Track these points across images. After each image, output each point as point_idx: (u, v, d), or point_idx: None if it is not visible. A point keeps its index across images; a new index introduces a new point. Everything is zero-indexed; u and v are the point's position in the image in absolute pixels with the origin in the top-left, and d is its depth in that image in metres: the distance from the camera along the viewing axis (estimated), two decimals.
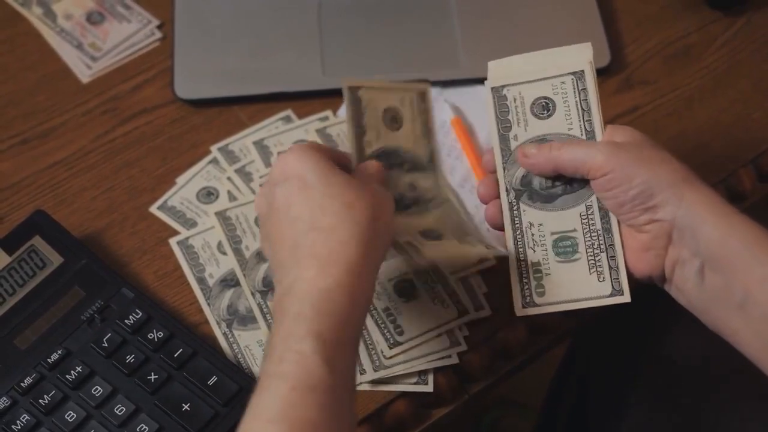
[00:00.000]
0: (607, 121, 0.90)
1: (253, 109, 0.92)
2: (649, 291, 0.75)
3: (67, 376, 0.75)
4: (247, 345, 0.79)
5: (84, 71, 0.94)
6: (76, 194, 0.88)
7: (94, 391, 0.75)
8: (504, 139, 0.77)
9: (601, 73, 0.94)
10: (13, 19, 0.98)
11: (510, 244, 0.76)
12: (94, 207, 0.87)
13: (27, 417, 0.74)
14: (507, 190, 0.76)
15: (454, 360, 0.78)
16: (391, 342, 0.78)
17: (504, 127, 0.77)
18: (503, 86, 0.77)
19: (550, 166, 0.74)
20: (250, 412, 0.61)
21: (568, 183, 0.75)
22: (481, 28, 0.96)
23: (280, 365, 0.61)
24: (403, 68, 0.94)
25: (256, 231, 0.84)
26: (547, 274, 0.75)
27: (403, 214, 0.76)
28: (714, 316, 0.71)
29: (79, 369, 0.76)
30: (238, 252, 0.83)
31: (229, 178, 0.88)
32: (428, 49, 0.96)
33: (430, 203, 0.77)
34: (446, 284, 0.80)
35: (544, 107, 0.76)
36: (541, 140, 0.76)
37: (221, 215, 0.85)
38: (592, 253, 0.74)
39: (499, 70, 0.77)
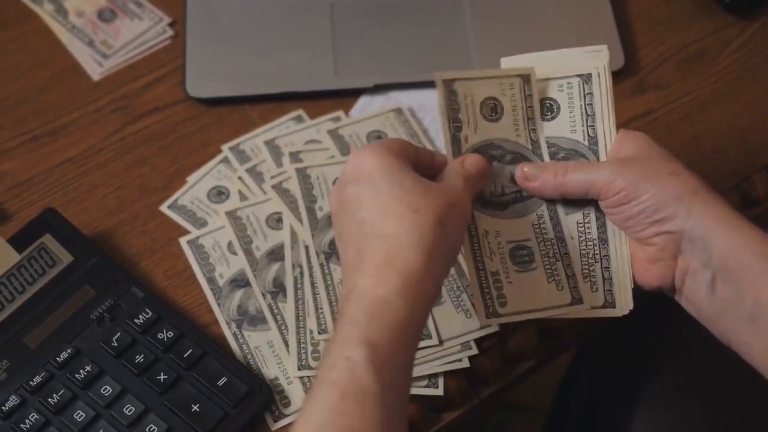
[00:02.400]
0: (621, 125, 0.91)
1: (264, 108, 0.92)
2: (659, 296, 0.74)
3: (76, 375, 0.75)
4: (257, 346, 0.79)
5: (95, 69, 0.94)
6: (86, 192, 0.88)
7: (103, 390, 0.75)
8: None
9: (614, 77, 0.92)
10: (24, 16, 0.98)
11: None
12: (105, 205, 0.87)
13: (36, 416, 0.73)
14: None
15: (465, 364, 0.78)
16: None
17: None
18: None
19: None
20: (300, 417, 0.61)
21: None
22: (493, 28, 0.96)
23: (331, 372, 0.61)
24: (416, 68, 0.94)
25: (266, 231, 0.84)
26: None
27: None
28: (724, 328, 0.70)
29: (88, 368, 0.75)
30: (248, 252, 0.83)
31: (240, 178, 0.87)
32: (441, 49, 0.96)
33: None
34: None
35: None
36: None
37: (232, 215, 0.84)
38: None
39: (513, 65, 0.76)
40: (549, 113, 0.75)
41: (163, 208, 0.86)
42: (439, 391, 0.77)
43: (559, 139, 0.75)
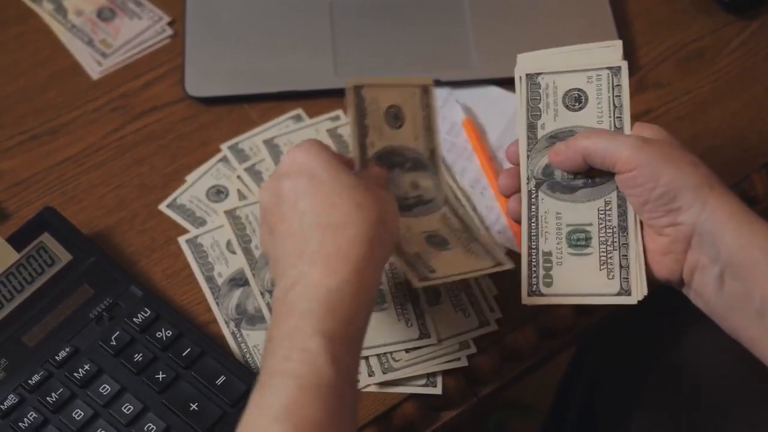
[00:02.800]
0: None
1: (263, 107, 0.92)
2: (660, 294, 0.74)
3: (74, 374, 0.75)
4: (256, 345, 0.79)
5: (94, 68, 0.94)
6: (85, 191, 0.88)
7: (102, 389, 0.75)
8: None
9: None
10: (24, 15, 0.98)
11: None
12: (104, 204, 0.87)
13: (34, 415, 0.74)
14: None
15: (464, 363, 0.78)
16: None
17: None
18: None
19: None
20: (253, 409, 0.60)
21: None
22: (493, 28, 0.96)
23: (286, 363, 0.61)
24: (415, 68, 0.94)
25: None
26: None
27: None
28: (733, 323, 0.70)
29: (86, 367, 0.75)
30: (247, 251, 0.83)
31: (238, 177, 0.87)
32: (440, 49, 0.96)
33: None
34: (470, 293, 0.80)
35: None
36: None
37: (231, 214, 0.85)
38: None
39: (529, 61, 0.77)
40: (577, 104, 0.76)
41: (162, 207, 0.86)
42: (438, 390, 0.77)
43: (585, 129, 0.75)
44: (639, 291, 0.73)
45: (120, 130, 0.91)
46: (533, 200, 0.76)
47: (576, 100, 0.75)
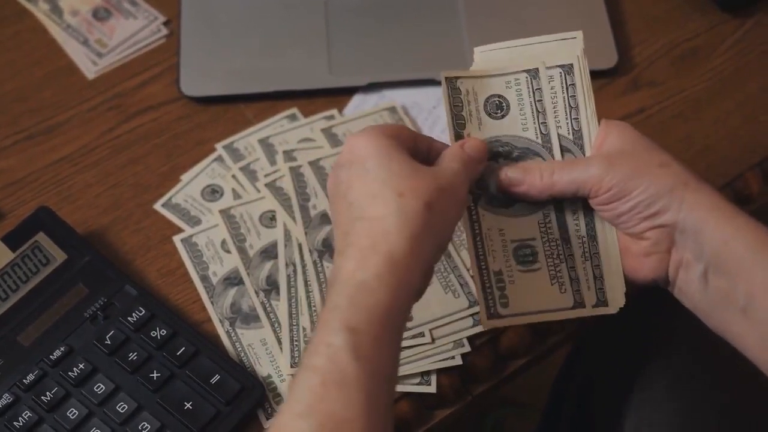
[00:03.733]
0: None
1: (258, 107, 0.92)
2: (654, 292, 0.74)
3: (69, 373, 0.75)
4: (250, 344, 0.79)
5: (90, 67, 0.94)
6: (80, 191, 0.88)
7: (97, 388, 0.75)
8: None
9: (609, 74, 0.93)
10: (19, 15, 0.98)
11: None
12: (99, 204, 0.87)
13: (29, 414, 0.74)
14: None
15: (458, 361, 0.78)
16: None
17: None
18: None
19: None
20: (284, 404, 0.60)
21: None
22: (488, 27, 0.96)
23: (312, 358, 0.60)
24: (410, 67, 0.94)
25: (260, 229, 0.84)
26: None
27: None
28: (718, 320, 0.70)
29: (81, 366, 0.76)
30: (242, 250, 0.83)
31: (233, 176, 0.87)
32: (435, 48, 0.96)
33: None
34: (459, 274, 0.80)
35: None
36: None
37: (225, 213, 0.85)
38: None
39: (485, 56, 0.73)
40: (499, 111, 0.73)
41: (157, 206, 0.87)
42: (432, 389, 0.77)
43: (512, 138, 0.73)
44: (615, 301, 0.72)
45: (115, 130, 0.91)
46: (474, 216, 0.72)
47: (497, 107, 0.73)
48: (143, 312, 0.78)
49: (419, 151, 0.70)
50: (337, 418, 0.57)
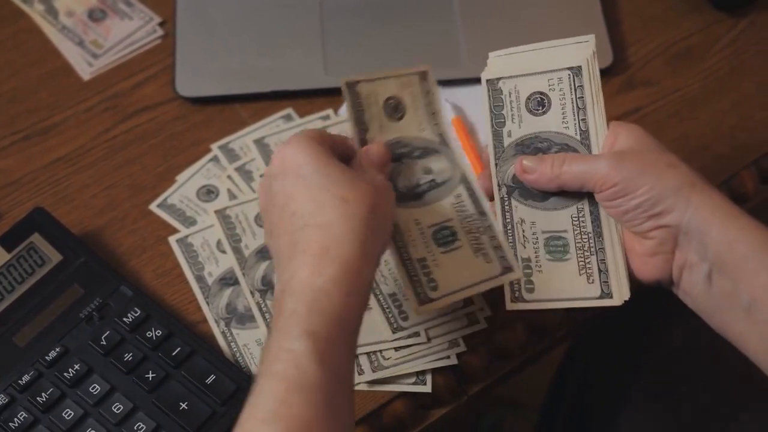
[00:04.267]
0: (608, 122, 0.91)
1: (254, 107, 0.92)
2: (650, 290, 0.74)
3: (64, 373, 0.75)
4: (246, 344, 0.79)
5: (85, 68, 0.94)
6: (76, 191, 0.88)
7: (92, 389, 0.75)
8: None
9: (604, 74, 0.93)
10: (15, 16, 0.98)
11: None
12: (94, 204, 0.87)
13: (24, 414, 0.74)
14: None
15: (453, 361, 0.78)
16: (395, 326, 0.78)
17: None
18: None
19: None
20: (246, 411, 0.61)
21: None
22: (483, 27, 0.96)
23: (274, 364, 0.61)
24: (406, 66, 0.94)
25: (255, 230, 0.84)
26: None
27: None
28: (721, 320, 0.70)
29: (77, 367, 0.76)
30: (237, 251, 0.83)
31: (229, 177, 0.88)
32: (430, 48, 0.96)
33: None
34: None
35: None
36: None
37: (221, 213, 0.85)
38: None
39: (498, 62, 0.76)
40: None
41: (153, 207, 0.87)
42: (427, 389, 0.78)
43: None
44: (620, 294, 0.73)
45: (111, 130, 0.91)
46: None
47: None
48: (139, 312, 0.78)
49: (338, 152, 0.71)
50: (302, 421, 0.59)
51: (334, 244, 0.64)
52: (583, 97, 0.74)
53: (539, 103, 0.75)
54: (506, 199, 0.75)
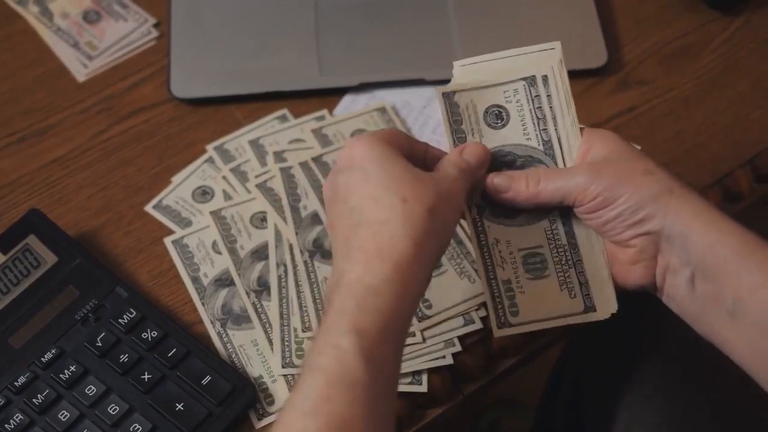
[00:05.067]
0: (604, 121, 0.91)
1: (249, 108, 0.92)
2: (643, 294, 0.74)
3: (60, 375, 0.75)
4: (242, 344, 0.79)
5: (80, 70, 0.94)
6: (71, 193, 0.88)
7: (88, 390, 0.75)
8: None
9: (598, 73, 0.94)
10: (10, 18, 0.98)
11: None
12: (90, 206, 0.87)
13: (20, 416, 0.74)
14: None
15: (449, 360, 0.78)
16: (420, 316, 0.79)
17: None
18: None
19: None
20: (288, 403, 0.60)
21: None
22: (478, 27, 0.96)
23: (319, 358, 0.60)
24: (400, 67, 0.94)
25: (251, 230, 0.84)
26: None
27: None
28: (705, 324, 0.70)
29: (72, 368, 0.76)
30: (232, 251, 0.83)
31: (224, 178, 0.88)
32: (425, 48, 0.96)
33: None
34: (473, 260, 0.80)
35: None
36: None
37: (216, 214, 0.85)
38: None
39: (461, 72, 0.73)
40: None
41: (148, 208, 0.87)
42: (423, 388, 0.78)
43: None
44: (604, 307, 0.73)
45: (106, 132, 0.91)
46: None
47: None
48: (134, 314, 0.78)
49: (415, 156, 0.70)
50: (342, 418, 0.58)
51: (387, 242, 0.63)
52: (541, 107, 0.72)
53: (497, 116, 0.73)
54: (478, 220, 0.73)
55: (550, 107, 0.72)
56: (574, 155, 0.72)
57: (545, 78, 0.72)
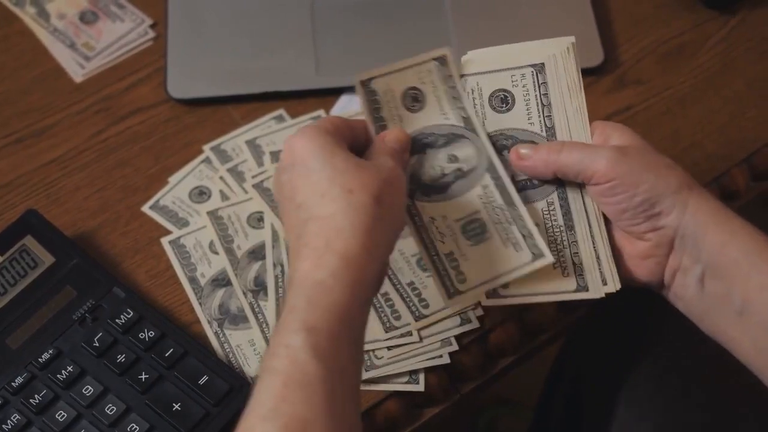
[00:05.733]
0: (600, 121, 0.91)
1: (246, 108, 0.92)
2: (642, 290, 0.74)
3: (58, 375, 0.75)
4: (239, 344, 0.79)
5: (77, 71, 0.94)
6: (68, 193, 0.88)
7: (85, 390, 0.75)
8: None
9: (594, 72, 0.94)
10: (7, 19, 0.98)
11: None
12: (87, 206, 0.87)
13: (18, 416, 0.74)
14: None
15: (446, 360, 0.78)
16: (388, 326, 0.78)
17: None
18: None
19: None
20: (247, 408, 0.60)
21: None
22: (474, 26, 0.96)
23: (273, 360, 0.60)
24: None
25: (247, 230, 0.84)
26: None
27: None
28: (712, 323, 0.70)
29: (70, 368, 0.76)
30: (229, 251, 0.83)
31: (221, 178, 0.88)
32: (421, 47, 0.94)
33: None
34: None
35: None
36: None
37: (213, 214, 0.85)
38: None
39: (471, 58, 0.75)
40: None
41: (145, 208, 0.87)
42: (420, 387, 0.78)
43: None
44: (596, 287, 0.73)
45: (103, 133, 0.92)
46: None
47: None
48: (131, 314, 0.78)
49: (359, 141, 0.70)
50: (300, 418, 0.57)
51: (335, 236, 0.63)
52: (547, 94, 0.73)
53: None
54: (410, 203, 0.73)
55: (546, 95, 0.73)
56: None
57: (543, 66, 0.73)
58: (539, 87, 0.73)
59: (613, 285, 0.72)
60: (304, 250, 0.63)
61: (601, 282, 0.72)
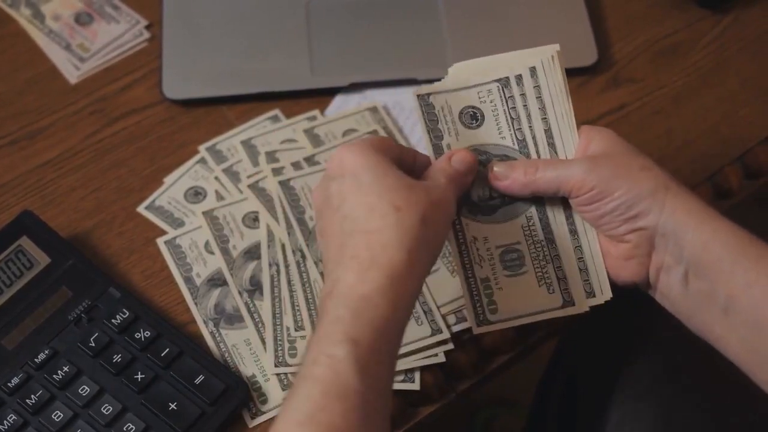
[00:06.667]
0: (595, 120, 0.91)
1: (241, 108, 0.93)
2: (637, 291, 0.75)
3: (54, 375, 0.75)
4: (234, 344, 0.80)
5: (72, 72, 0.95)
6: (64, 194, 0.88)
7: (81, 390, 0.75)
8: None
9: (588, 72, 0.94)
10: (1, 20, 0.98)
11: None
12: (82, 207, 0.87)
13: (14, 417, 0.74)
14: None
15: (441, 358, 0.78)
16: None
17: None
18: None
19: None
20: (282, 413, 0.60)
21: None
22: (469, 27, 0.97)
23: (313, 368, 0.60)
24: (391, 67, 0.94)
25: (243, 230, 0.84)
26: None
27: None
28: (698, 322, 0.70)
29: (66, 369, 0.76)
30: (225, 251, 0.83)
31: (216, 178, 0.88)
32: (416, 48, 0.96)
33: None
34: (423, 301, 0.80)
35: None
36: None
37: (209, 215, 0.85)
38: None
39: (462, 70, 0.74)
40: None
41: (141, 209, 0.87)
42: (416, 386, 0.78)
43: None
44: (583, 301, 0.73)
45: (98, 133, 0.92)
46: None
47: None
48: (127, 314, 0.78)
49: (404, 164, 0.71)
50: (336, 427, 0.58)
51: (380, 251, 0.63)
52: (515, 107, 0.74)
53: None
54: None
55: (525, 106, 0.73)
56: (570, 149, 0.73)
57: (507, 80, 0.73)
58: (506, 101, 0.73)
59: (602, 296, 0.74)
60: (347, 262, 0.64)
61: (586, 294, 0.73)
